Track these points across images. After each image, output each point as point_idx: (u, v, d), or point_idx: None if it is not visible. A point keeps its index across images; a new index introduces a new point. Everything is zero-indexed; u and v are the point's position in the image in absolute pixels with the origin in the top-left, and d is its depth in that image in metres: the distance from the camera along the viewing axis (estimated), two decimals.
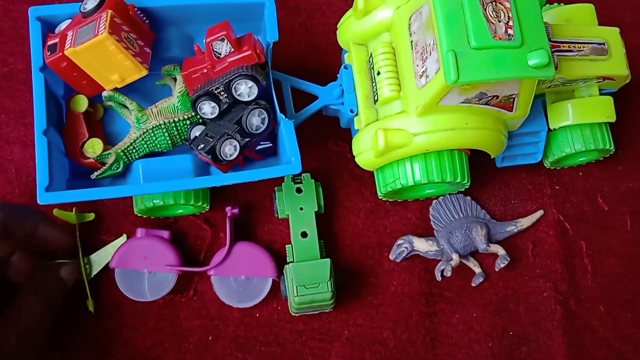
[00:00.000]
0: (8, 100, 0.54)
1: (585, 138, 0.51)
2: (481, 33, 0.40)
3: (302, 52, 0.57)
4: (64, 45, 0.42)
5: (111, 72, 0.44)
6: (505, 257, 0.50)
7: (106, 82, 0.45)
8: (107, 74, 0.44)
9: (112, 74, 0.44)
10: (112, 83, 0.45)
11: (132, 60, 0.43)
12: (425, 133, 0.45)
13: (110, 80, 0.44)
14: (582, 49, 0.48)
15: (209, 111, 0.46)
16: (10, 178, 0.51)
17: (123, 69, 0.43)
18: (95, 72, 0.44)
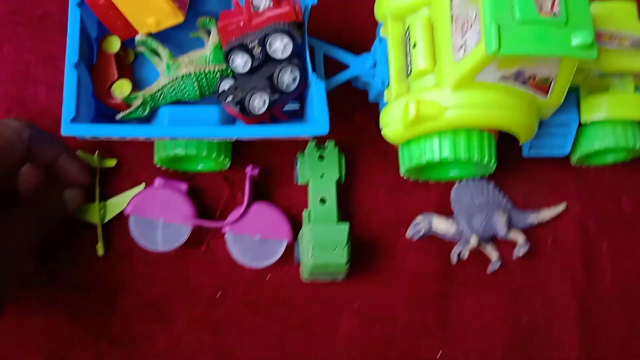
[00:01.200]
0: (39, 42, 0.53)
1: (616, 135, 0.50)
2: (527, 7, 0.40)
3: (336, 25, 0.57)
4: None
5: (147, 14, 0.43)
6: (525, 245, 0.49)
7: (141, 25, 0.44)
8: (143, 16, 0.43)
9: (148, 17, 0.43)
10: (147, 27, 0.44)
11: (170, 4, 0.42)
12: (457, 107, 0.44)
13: (145, 24, 0.44)
14: (623, 41, 0.47)
15: (241, 64, 0.45)
16: (34, 118, 0.51)
17: (160, 12, 0.43)
18: (131, 12, 0.43)
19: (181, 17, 0.44)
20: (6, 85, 0.52)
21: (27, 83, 0.52)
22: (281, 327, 0.48)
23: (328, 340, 0.48)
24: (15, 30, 0.54)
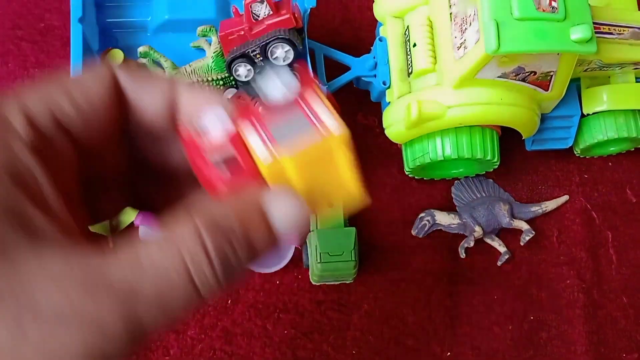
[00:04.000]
0: (43, 55, 0.54)
1: (618, 125, 0.50)
2: (525, 4, 0.40)
3: (336, 26, 0.57)
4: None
5: (326, 195, 0.24)
6: (530, 231, 0.50)
7: (312, 204, 0.24)
8: (318, 195, 0.24)
9: (326, 197, 0.24)
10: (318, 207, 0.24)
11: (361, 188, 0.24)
12: (459, 106, 0.45)
13: (317, 202, 0.24)
14: (622, 32, 0.47)
15: (244, 73, 0.46)
16: None
17: (344, 194, 0.24)
18: (307, 188, 0.23)
19: (367, 200, 0.25)
20: None
21: None
22: (292, 331, 0.49)
23: (338, 342, 0.49)
24: (20, 46, 0.54)
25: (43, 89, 0.21)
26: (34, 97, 0.21)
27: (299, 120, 0.22)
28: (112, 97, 0.22)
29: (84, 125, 0.22)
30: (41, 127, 0.21)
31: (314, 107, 0.22)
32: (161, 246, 0.19)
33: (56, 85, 0.21)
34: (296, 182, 0.22)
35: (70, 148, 0.22)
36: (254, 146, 0.21)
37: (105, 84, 0.22)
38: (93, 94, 0.22)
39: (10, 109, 0.20)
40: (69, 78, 0.22)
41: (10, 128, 0.20)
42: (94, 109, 0.22)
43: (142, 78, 0.23)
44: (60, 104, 0.21)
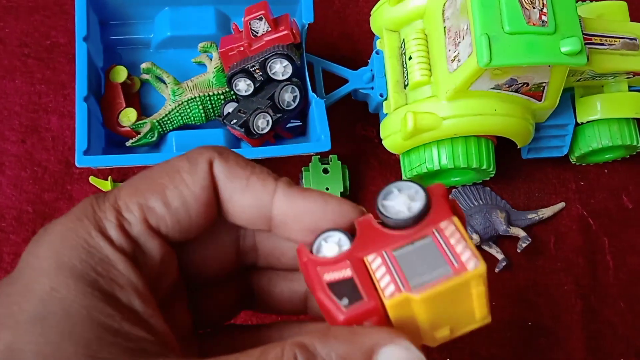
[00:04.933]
0: (49, 71, 0.55)
1: (612, 133, 0.51)
2: (515, 18, 0.41)
3: (334, 39, 0.58)
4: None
5: (450, 321, 0.22)
6: (527, 238, 0.51)
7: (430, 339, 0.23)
8: (441, 323, 0.22)
9: (446, 325, 0.22)
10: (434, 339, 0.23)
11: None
12: (454, 117, 0.46)
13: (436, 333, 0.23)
14: (613, 43, 0.48)
15: (244, 88, 0.47)
16: (47, 146, 0.53)
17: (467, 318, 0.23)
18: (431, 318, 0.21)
19: (488, 318, 0.23)
20: (20, 115, 0.55)
21: (40, 112, 0.54)
22: None
23: None
24: (26, 62, 0.56)
25: (139, 193, 0.21)
26: (129, 201, 0.21)
27: (432, 252, 0.19)
28: (209, 197, 0.21)
29: (179, 227, 0.21)
30: (134, 235, 0.21)
31: (449, 239, 0.20)
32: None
33: (151, 186, 0.21)
34: (422, 318, 0.20)
35: (165, 250, 0.21)
36: (379, 277, 0.19)
37: (202, 183, 0.21)
38: (189, 197, 0.21)
39: (106, 217, 0.20)
40: (165, 176, 0.21)
41: (105, 237, 0.20)
42: (189, 211, 0.21)
43: (238, 178, 0.22)
44: (155, 209, 0.21)
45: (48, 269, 0.19)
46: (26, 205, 0.52)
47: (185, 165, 0.21)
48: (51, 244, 0.20)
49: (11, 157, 0.53)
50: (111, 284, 0.19)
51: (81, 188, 0.52)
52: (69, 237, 0.20)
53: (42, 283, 0.19)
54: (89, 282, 0.19)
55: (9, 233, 0.51)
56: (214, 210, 0.22)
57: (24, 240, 0.51)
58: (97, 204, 0.21)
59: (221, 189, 0.22)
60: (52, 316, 0.18)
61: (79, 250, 0.19)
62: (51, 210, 0.52)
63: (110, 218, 0.20)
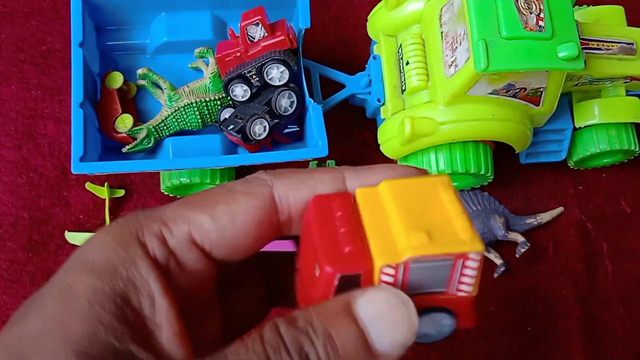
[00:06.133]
0: (45, 77, 0.55)
1: (610, 138, 0.51)
2: (512, 23, 0.41)
3: (331, 44, 0.58)
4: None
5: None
6: (525, 243, 0.50)
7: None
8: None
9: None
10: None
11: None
12: (451, 122, 0.45)
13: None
14: (610, 47, 0.48)
15: (241, 94, 0.47)
16: (43, 152, 0.53)
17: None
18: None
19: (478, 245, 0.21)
20: (15, 121, 0.54)
21: (36, 118, 0.54)
22: None
23: None
24: (22, 68, 0.56)
25: (189, 208, 0.21)
26: (177, 213, 0.20)
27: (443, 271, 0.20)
28: (262, 216, 0.21)
29: (224, 244, 0.21)
30: (172, 245, 0.20)
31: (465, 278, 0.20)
32: (245, 344, 0.18)
33: (204, 201, 0.21)
34: (393, 217, 0.20)
35: (205, 266, 0.21)
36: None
37: (255, 203, 0.21)
38: (240, 214, 0.20)
39: (147, 224, 0.20)
40: (218, 195, 0.21)
41: (138, 241, 0.20)
42: (237, 229, 0.20)
43: (303, 184, 0.21)
44: (202, 223, 0.20)
45: (73, 266, 0.19)
46: (22, 212, 0.51)
47: (240, 186, 0.21)
48: (85, 247, 0.20)
49: (7, 164, 0.53)
50: (127, 283, 0.19)
51: (77, 194, 0.52)
52: (102, 238, 0.20)
53: (63, 280, 0.19)
54: (105, 278, 0.19)
55: (5, 240, 0.51)
56: (267, 233, 0.21)
57: (20, 247, 0.51)
58: (144, 213, 0.21)
59: (290, 203, 0.21)
60: (56, 309, 0.18)
61: (105, 250, 0.19)
62: (47, 216, 0.51)
63: (152, 226, 0.20)
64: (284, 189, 0.21)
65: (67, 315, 0.18)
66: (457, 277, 0.20)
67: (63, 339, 0.18)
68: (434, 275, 0.20)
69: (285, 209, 0.21)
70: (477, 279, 0.20)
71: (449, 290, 0.20)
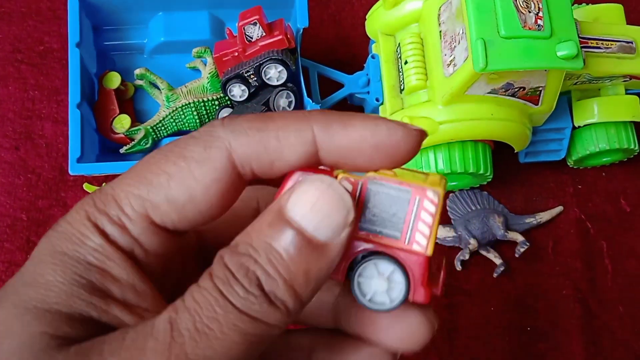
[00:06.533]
0: (42, 77, 0.55)
1: (609, 137, 0.51)
2: (511, 22, 0.41)
3: (330, 43, 0.58)
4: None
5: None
6: (525, 242, 0.50)
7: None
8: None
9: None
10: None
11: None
12: (450, 122, 0.45)
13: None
14: (609, 46, 0.48)
15: (239, 94, 0.46)
16: (40, 152, 0.53)
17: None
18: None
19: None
20: (13, 122, 0.54)
21: (33, 119, 0.54)
22: None
23: None
24: (19, 68, 0.55)
25: (143, 185, 0.19)
26: (130, 195, 0.19)
27: (400, 210, 0.19)
28: (223, 188, 0.19)
29: (187, 221, 0.19)
30: (134, 232, 0.19)
31: (421, 212, 0.19)
32: (198, 284, 0.18)
33: (156, 176, 0.19)
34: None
35: (173, 243, 0.20)
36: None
37: (215, 175, 0.19)
38: (197, 192, 0.19)
39: (105, 209, 0.19)
40: (171, 165, 0.19)
41: (99, 230, 0.19)
42: (197, 206, 0.19)
43: (265, 153, 0.19)
44: (158, 206, 0.19)
45: (41, 258, 0.19)
46: (20, 213, 0.51)
47: (195, 152, 0.19)
48: (49, 237, 0.19)
49: (4, 165, 0.52)
50: (103, 274, 0.18)
51: (75, 195, 0.52)
52: (65, 230, 0.19)
53: (32, 270, 0.19)
54: (79, 270, 0.18)
55: (3, 241, 0.51)
56: (231, 196, 0.20)
57: (18, 248, 0.50)
58: (99, 195, 0.19)
59: (254, 168, 0.19)
60: (30, 301, 0.18)
61: (72, 241, 0.19)
62: (45, 217, 0.51)
63: (109, 211, 0.19)
64: (245, 154, 0.19)
65: (43, 307, 0.18)
66: (413, 223, 0.19)
67: (38, 322, 0.17)
68: (390, 209, 0.19)
69: (248, 172, 0.19)
70: (434, 232, 0.19)
71: (402, 239, 0.19)
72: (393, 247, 0.19)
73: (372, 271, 0.19)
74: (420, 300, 0.19)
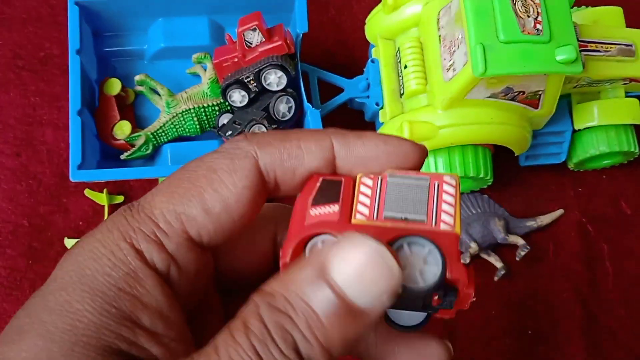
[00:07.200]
0: (43, 83, 0.55)
1: (610, 140, 0.51)
2: (510, 27, 0.41)
3: (330, 47, 0.58)
4: None
5: None
6: (525, 246, 0.50)
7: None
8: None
9: None
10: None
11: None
12: (450, 126, 0.45)
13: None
14: (609, 49, 0.48)
15: (239, 99, 0.47)
16: (42, 158, 0.53)
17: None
18: None
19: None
20: (14, 128, 0.54)
21: (34, 125, 0.54)
22: None
23: None
24: (20, 75, 0.56)
25: (176, 199, 0.19)
26: (166, 210, 0.19)
27: (421, 196, 0.20)
28: (253, 194, 0.20)
29: (222, 232, 0.20)
30: (171, 249, 0.19)
31: (442, 194, 0.20)
32: (233, 336, 0.17)
33: (189, 190, 0.19)
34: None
35: (203, 260, 0.20)
36: (360, 199, 0.20)
37: (244, 182, 0.19)
38: (231, 200, 0.19)
39: (139, 227, 0.19)
40: (202, 178, 0.19)
41: (135, 250, 0.19)
42: (231, 215, 0.19)
43: (291, 155, 0.20)
44: (196, 218, 0.19)
45: (69, 281, 0.18)
46: (22, 219, 0.51)
47: (224, 163, 0.19)
48: (77, 256, 0.19)
49: (6, 171, 0.53)
50: (134, 302, 0.18)
51: (77, 201, 0.52)
52: (95, 250, 0.19)
53: (59, 296, 0.18)
54: (109, 297, 0.18)
55: (5, 247, 0.51)
56: (258, 205, 0.20)
57: (20, 255, 0.51)
58: (131, 213, 0.19)
59: (277, 175, 0.20)
60: (57, 332, 0.17)
61: (103, 263, 0.18)
62: (47, 223, 0.51)
63: (144, 229, 0.19)
64: (270, 162, 0.20)
65: (70, 340, 0.17)
66: (435, 204, 0.19)
67: (65, 356, 0.17)
68: (413, 196, 0.20)
69: (272, 180, 0.20)
70: (458, 211, 0.19)
71: (429, 221, 0.19)
72: (421, 230, 0.19)
73: (406, 251, 0.19)
74: (459, 276, 0.19)
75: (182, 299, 0.20)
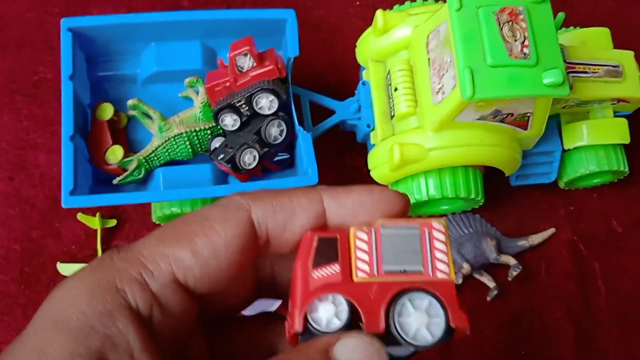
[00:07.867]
0: (36, 107, 0.55)
1: (599, 159, 0.51)
2: (497, 51, 0.41)
3: (321, 69, 0.59)
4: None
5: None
6: (517, 266, 0.51)
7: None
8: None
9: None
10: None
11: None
12: (440, 148, 0.46)
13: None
14: (596, 70, 0.49)
15: (231, 123, 0.47)
16: (34, 182, 0.53)
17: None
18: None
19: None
20: (7, 152, 0.54)
21: (27, 149, 0.54)
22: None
23: None
24: (14, 99, 0.56)
25: (167, 243, 0.20)
26: (156, 251, 0.20)
27: (413, 245, 0.21)
28: (243, 245, 0.20)
29: (208, 279, 0.20)
30: (155, 289, 0.19)
31: (434, 241, 0.21)
32: None
33: (179, 235, 0.20)
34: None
35: (187, 306, 0.20)
36: (358, 255, 0.21)
37: (235, 231, 0.20)
38: (221, 246, 0.20)
39: (124, 268, 0.19)
40: (194, 225, 0.20)
41: (115, 289, 0.19)
42: (220, 261, 0.20)
43: (281, 210, 0.21)
44: (183, 259, 0.20)
45: (44, 324, 0.18)
46: (14, 244, 0.51)
47: (217, 213, 0.20)
48: (57, 296, 0.19)
49: None
50: (104, 341, 0.18)
51: (69, 225, 0.52)
52: (75, 288, 0.19)
53: (34, 340, 0.18)
54: (81, 337, 0.18)
55: None
56: (247, 258, 0.21)
57: (12, 279, 0.51)
58: (118, 254, 0.20)
59: (269, 228, 0.21)
60: None
61: (80, 302, 0.18)
62: (39, 247, 0.51)
63: (131, 270, 0.19)
64: (262, 214, 0.21)
65: None
66: (429, 253, 0.21)
67: None
68: (407, 247, 0.21)
69: (264, 234, 0.21)
70: (450, 257, 0.21)
71: (426, 271, 0.20)
72: (420, 282, 0.20)
73: (409, 308, 0.20)
74: (462, 324, 0.20)
75: (165, 340, 0.20)
